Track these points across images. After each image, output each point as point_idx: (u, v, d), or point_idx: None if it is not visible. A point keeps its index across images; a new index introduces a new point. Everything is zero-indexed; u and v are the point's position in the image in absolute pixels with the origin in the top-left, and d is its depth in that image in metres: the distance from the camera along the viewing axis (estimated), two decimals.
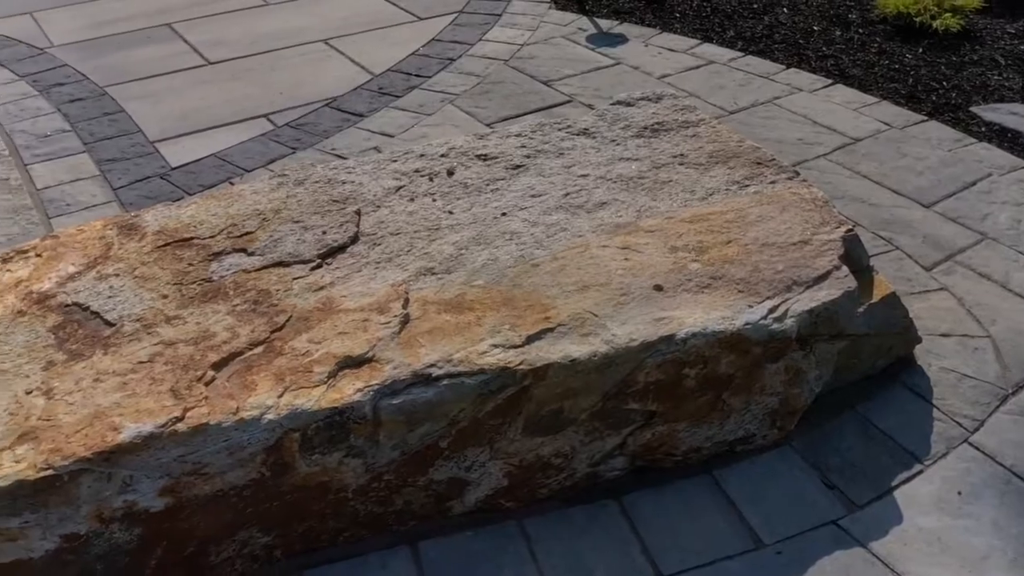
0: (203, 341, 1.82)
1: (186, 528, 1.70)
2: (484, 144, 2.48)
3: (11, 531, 1.58)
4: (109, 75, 4.03)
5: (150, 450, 1.60)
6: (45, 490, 1.56)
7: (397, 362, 1.76)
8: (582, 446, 1.90)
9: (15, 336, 1.88)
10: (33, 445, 1.60)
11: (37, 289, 2.02)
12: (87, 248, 2.15)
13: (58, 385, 1.73)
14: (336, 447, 1.72)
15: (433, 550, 1.86)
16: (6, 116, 3.69)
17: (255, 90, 3.83)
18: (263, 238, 2.13)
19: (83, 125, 3.60)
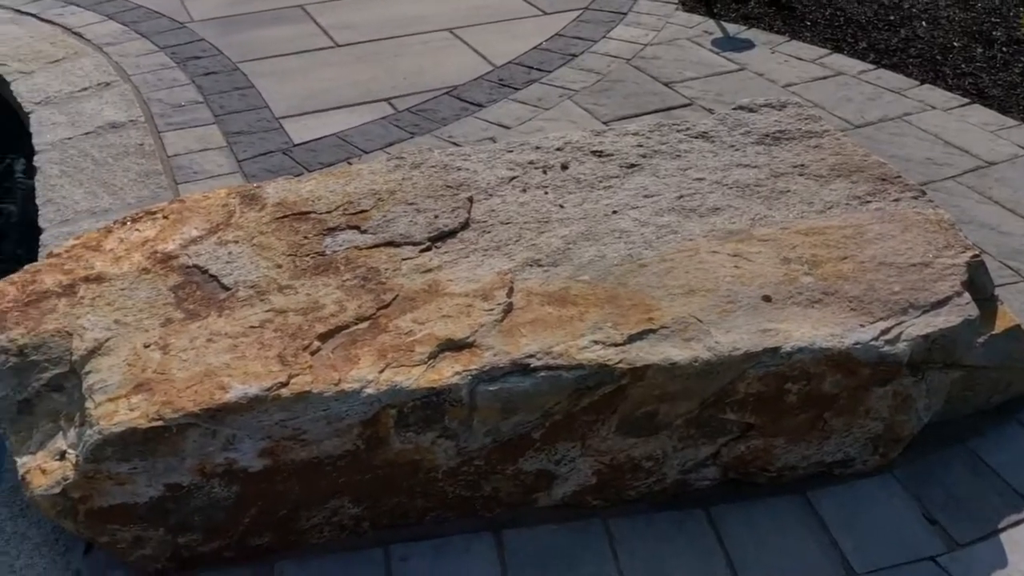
0: (312, 312, 1.87)
1: (281, 491, 1.75)
2: (600, 141, 2.47)
3: (120, 475, 1.66)
4: (242, 51, 4.18)
5: (254, 412, 1.65)
6: (154, 440, 1.64)
7: (497, 349, 1.77)
8: (675, 452, 1.88)
9: (139, 292, 1.97)
10: (147, 396, 1.68)
11: (162, 249, 2.11)
12: (210, 214, 2.24)
13: (174, 342, 1.81)
14: (430, 427, 1.74)
15: (516, 539, 1.87)
16: (145, 85, 3.87)
17: (379, 74, 3.91)
18: (377, 217, 2.18)
19: (215, 98, 3.74)
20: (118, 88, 3.85)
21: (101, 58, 4.16)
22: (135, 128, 3.49)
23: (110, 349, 1.81)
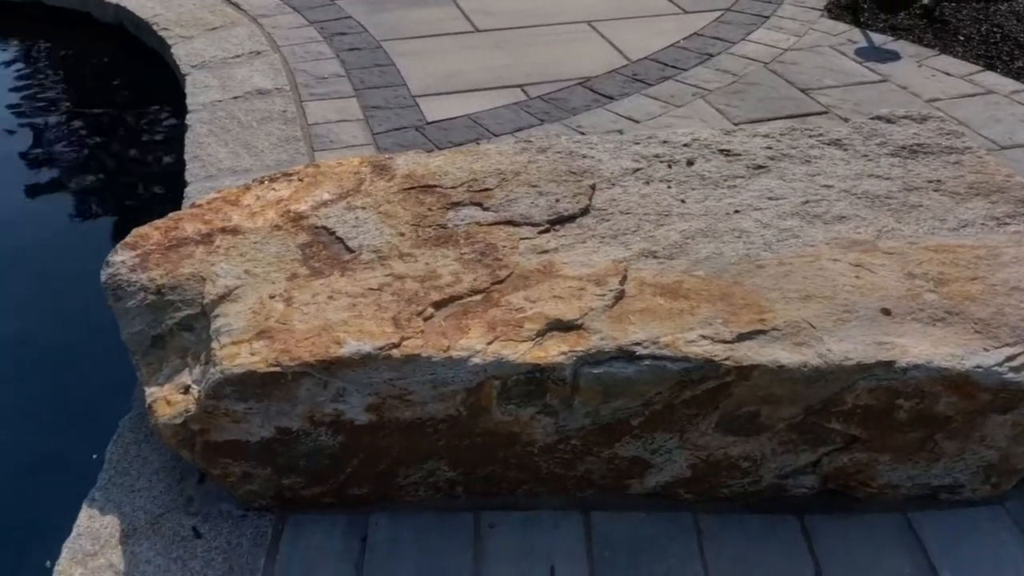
0: (429, 280, 1.94)
1: (382, 447, 1.82)
2: (729, 140, 2.45)
3: (236, 414, 1.76)
4: (386, 31, 4.32)
5: (365, 368, 1.72)
6: (270, 384, 1.73)
7: (604, 334, 1.79)
8: (773, 455, 1.86)
9: (269, 247, 2.08)
10: (268, 343, 1.77)
11: (294, 209, 2.22)
12: (342, 180, 2.33)
13: (297, 295, 1.91)
14: (531, 402, 1.78)
15: (604, 522, 1.89)
16: (292, 56, 4.04)
17: (514, 61, 3.97)
18: (499, 196, 2.23)
19: (356, 73, 3.88)
20: (268, 57, 4.03)
21: (255, 28, 4.36)
22: (280, 96, 3.66)
23: (238, 296, 1.92)
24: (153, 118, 4.13)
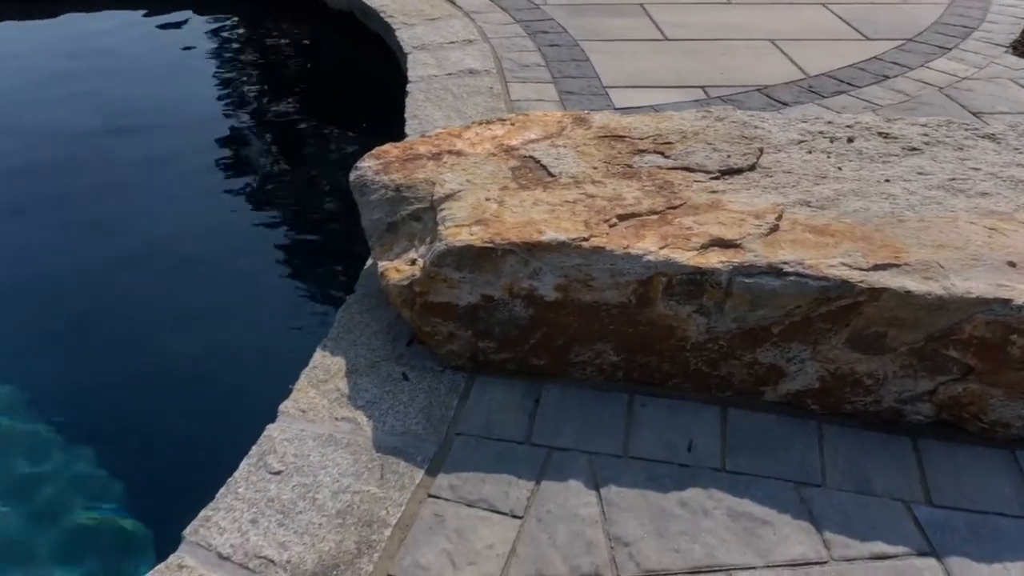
0: (615, 200, 2.34)
1: (563, 324, 2.23)
2: (888, 126, 2.74)
3: (452, 280, 2.22)
4: (583, 32, 4.79)
5: (559, 253, 2.15)
6: (482, 258, 2.18)
7: (758, 252, 2.14)
8: (895, 378, 2.15)
9: (485, 167, 2.55)
10: (483, 228, 2.22)
11: (506, 143, 2.68)
12: (547, 126, 2.79)
13: (507, 200, 2.36)
14: (690, 301, 2.15)
15: (739, 417, 2.22)
16: (500, 46, 4.58)
17: (698, 66, 4.35)
18: (679, 149, 2.62)
19: (555, 64, 4.36)
20: (479, 46, 4.58)
21: (468, 22, 4.94)
22: (488, 76, 4.18)
23: (461, 196, 2.39)
24: (376, 87, 4.78)
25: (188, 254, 3.45)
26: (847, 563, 1.87)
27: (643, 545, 1.89)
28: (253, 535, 1.90)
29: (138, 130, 4.56)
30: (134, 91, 5.07)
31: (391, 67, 4.73)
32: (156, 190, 3.99)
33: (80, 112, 4.72)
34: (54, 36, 6.01)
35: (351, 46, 5.41)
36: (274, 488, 2.00)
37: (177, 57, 5.68)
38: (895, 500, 2.01)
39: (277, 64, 5.75)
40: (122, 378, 2.85)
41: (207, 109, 4.92)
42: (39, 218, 3.74)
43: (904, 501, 2.01)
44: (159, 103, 4.93)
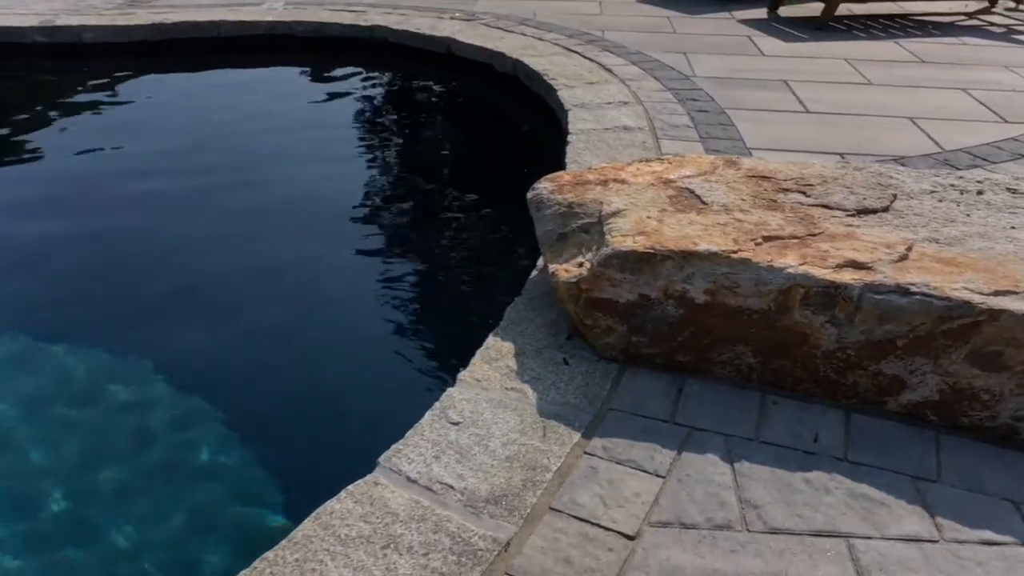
0: (760, 225, 2.69)
1: (708, 325, 2.57)
2: (1018, 183, 2.99)
3: (614, 279, 2.59)
4: (729, 102, 5.18)
5: (710, 262, 2.50)
6: (643, 261, 2.55)
7: (887, 274, 2.43)
8: (1011, 395, 2.38)
9: (646, 193, 2.93)
10: (644, 238, 2.60)
11: (664, 176, 3.07)
12: (700, 166, 3.16)
13: (666, 219, 2.73)
14: (823, 312, 2.45)
15: (863, 421, 2.49)
16: (652, 108, 5.01)
17: (837, 136, 4.66)
18: (819, 190, 2.94)
19: (703, 126, 4.75)
20: (632, 107, 5.03)
21: (623, 87, 5.41)
22: (640, 132, 4.61)
23: (624, 214, 2.78)
24: (536, 140, 5.28)
25: (389, 271, 4.04)
26: (957, 544, 2.10)
27: (770, 508, 2.18)
28: (436, 467, 2.28)
29: (326, 171, 5.21)
30: (309, 140, 5.76)
31: (550, 123, 5.22)
32: (354, 217, 4.59)
33: (272, 156, 5.41)
34: (213, 87, 6.86)
35: (515, 104, 5.97)
36: (453, 435, 2.39)
37: (352, 109, 6.38)
38: (1005, 500, 2.23)
39: (449, 116, 6.38)
40: (326, 354, 3.37)
41: (387, 154, 5.55)
42: (222, 239, 4.35)
43: (1014, 502, 2.23)
44: (340, 149, 5.59)
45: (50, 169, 5.30)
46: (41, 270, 4.01)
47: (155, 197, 4.77)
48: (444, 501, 2.17)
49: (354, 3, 7.95)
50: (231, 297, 3.79)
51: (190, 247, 4.21)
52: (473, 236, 4.47)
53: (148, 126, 5.97)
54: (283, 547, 2.04)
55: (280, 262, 4.06)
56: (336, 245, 4.28)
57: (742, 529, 2.12)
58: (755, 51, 6.40)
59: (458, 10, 7.60)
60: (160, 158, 5.32)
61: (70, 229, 4.39)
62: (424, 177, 5.31)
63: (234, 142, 5.63)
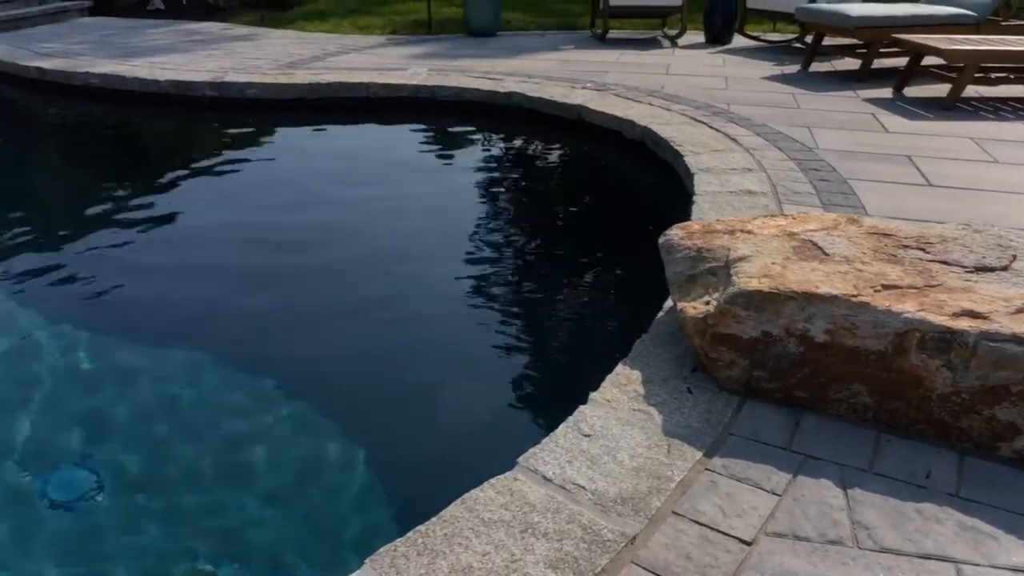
0: (880, 275, 2.87)
1: (827, 363, 2.75)
2: None
3: (739, 316, 2.82)
4: (851, 173, 5.35)
5: (831, 304, 2.70)
6: (767, 301, 2.76)
7: (1003, 325, 2.58)
8: None
9: (771, 243, 3.16)
10: (769, 279, 2.82)
11: (788, 230, 3.29)
12: (823, 222, 3.37)
13: (789, 265, 2.95)
14: (939, 356, 2.60)
15: (975, 465, 2.61)
16: (775, 176, 5.22)
17: (960, 209, 4.76)
18: (938, 248, 3.11)
19: (824, 194, 4.94)
20: (756, 174, 5.26)
21: (747, 155, 5.65)
22: (763, 196, 4.83)
23: (750, 260, 3.01)
24: (664, 200, 5.57)
25: (523, 308, 4.38)
26: None
27: (881, 531, 2.33)
28: (569, 469, 2.53)
29: (465, 218, 5.62)
30: (444, 196, 6.21)
31: (676, 187, 5.50)
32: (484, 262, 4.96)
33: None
34: (360, 141, 7.44)
35: (642, 168, 6.29)
36: (584, 444, 2.64)
37: (489, 166, 6.83)
38: None
39: (579, 176, 6.76)
40: (465, 377, 3.69)
41: (521, 207, 5.94)
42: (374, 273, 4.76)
43: None
44: (477, 201, 6.01)
45: (208, 202, 5.91)
46: (182, 292, 4.51)
47: (296, 232, 5.27)
48: (576, 498, 2.41)
49: (491, 72, 8.49)
50: (369, 326, 4.16)
51: (325, 280, 4.64)
52: (601, 282, 4.77)
53: (299, 172, 6.56)
54: (433, 523, 2.32)
55: (419, 295, 4.43)
56: (474, 283, 4.64)
57: (853, 546, 2.28)
58: (879, 128, 6.55)
59: (589, 81, 8.03)
60: (305, 199, 5.86)
61: (213, 258, 4.92)
62: (555, 229, 5.69)
63: (375, 190, 6.12)
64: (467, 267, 4.91)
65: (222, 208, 5.93)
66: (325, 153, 7.20)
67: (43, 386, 3.70)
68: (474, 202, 6.11)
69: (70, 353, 3.97)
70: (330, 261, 4.92)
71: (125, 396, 3.62)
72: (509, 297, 4.57)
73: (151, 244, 5.27)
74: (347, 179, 6.45)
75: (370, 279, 4.70)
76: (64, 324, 4.19)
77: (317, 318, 4.26)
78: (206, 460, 3.27)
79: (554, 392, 3.62)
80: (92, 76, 8.78)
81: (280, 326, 4.18)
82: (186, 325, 4.17)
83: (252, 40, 11.21)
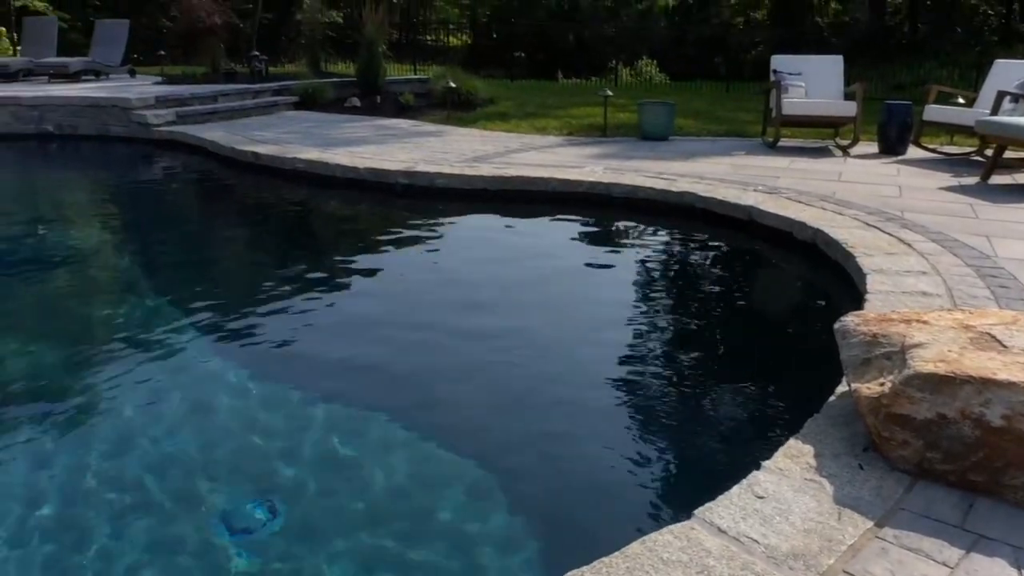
0: None
1: (1003, 448, 2.83)
2: None
3: (914, 398, 2.94)
4: None
5: (1009, 391, 2.79)
6: (943, 383, 2.89)
7: None
8: None
9: (947, 333, 3.27)
10: (945, 364, 2.95)
11: (965, 323, 3.39)
12: (1002, 317, 3.45)
13: (965, 354, 3.05)
14: None
15: None
16: (951, 280, 5.25)
17: None
18: None
19: (1003, 300, 4.92)
20: (931, 277, 5.31)
21: (922, 259, 5.70)
22: (939, 299, 4.88)
23: (926, 347, 3.14)
24: (834, 299, 5.69)
25: (698, 387, 4.57)
26: None
27: None
28: (743, 525, 2.71)
29: (633, 308, 5.93)
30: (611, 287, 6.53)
31: (847, 287, 5.61)
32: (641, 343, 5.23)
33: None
34: (538, 231, 7.89)
35: (812, 268, 6.43)
36: (758, 504, 2.81)
37: (661, 260, 7.13)
38: None
39: (749, 272, 6.96)
40: (640, 440, 3.92)
41: (692, 299, 6.20)
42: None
43: None
44: (649, 290, 6.31)
45: (393, 276, 6.53)
46: (356, 354, 4.97)
47: (468, 312, 5.71)
48: (750, 550, 2.59)
49: (664, 172, 8.87)
50: (545, 396, 4.47)
51: (497, 353, 5.01)
52: (770, 368, 4.90)
53: (477, 256, 7.08)
54: (616, 556, 2.55)
55: (594, 372, 4.72)
56: (649, 363, 4.91)
57: None
58: None
59: (761, 184, 8.26)
60: (481, 280, 6.36)
61: (390, 325, 5.42)
62: (726, 318, 5.90)
63: (549, 275, 6.54)
64: (643, 347, 5.19)
65: (406, 282, 6.50)
66: (504, 240, 7.72)
67: (226, 427, 4.20)
68: (648, 291, 6.42)
69: (251, 399, 4.48)
70: (503, 334, 5.30)
71: (302, 443, 4.03)
72: (681, 377, 4.79)
73: (336, 310, 5.88)
74: (522, 263, 6.90)
75: (543, 356, 5.03)
76: (256, 374, 4.72)
77: (491, 388, 4.61)
78: (377, 505, 3.59)
79: (725, 461, 3.79)
80: (299, 161, 9.75)
81: (448, 391, 4.54)
82: (356, 384, 4.60)
83: (439, 136, 12.11)
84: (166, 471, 3.76)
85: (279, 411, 4.41)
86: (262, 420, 4.31)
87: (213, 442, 4.03)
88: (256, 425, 4.24)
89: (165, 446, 3.96)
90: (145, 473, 3.72)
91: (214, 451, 3.96)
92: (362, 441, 4.12)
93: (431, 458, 3.94)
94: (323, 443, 4.03)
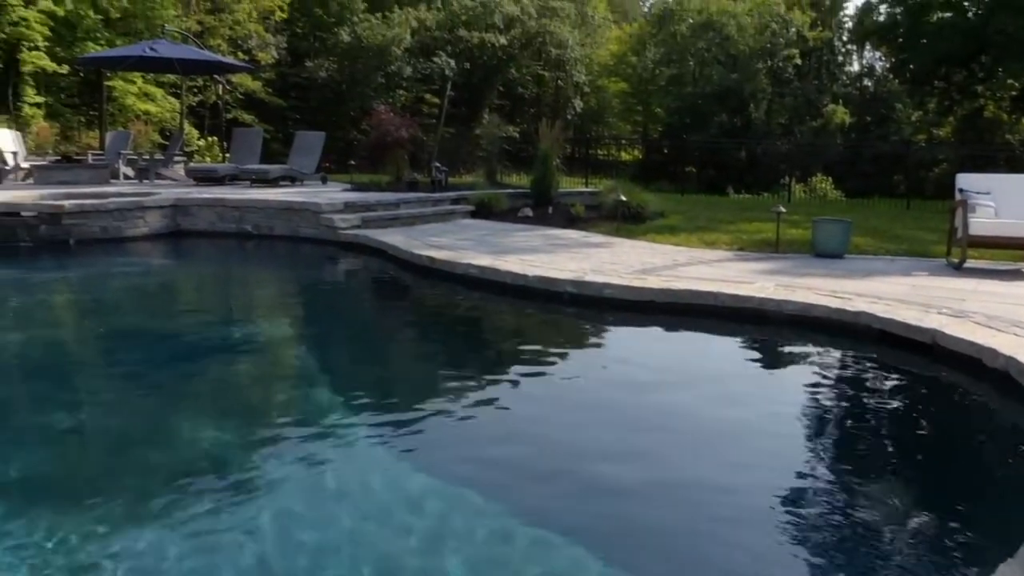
0: None
1: None
2: None
3: None
4: None
5: None
6: None
7: None
8: None
9: None
10: None
11: None
12: None
13: None
14: None
15: None
16: None
17: None
18: None
19: None
20: None
21: None
22: None
23: None
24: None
25: (872, 527, 4.39)
26: None
27: None
28: None
29: (803, 425, 5.74)
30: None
31: None
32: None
33: None
34: (709, 348, 7.79)
35: (1001, 399, 6.05)
36: None
37: (840, 381, 6.89)
38: None
39: (930, 399, 6.60)
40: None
41: (870, 426, 5.95)
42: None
43: None
44: (822, 410, 6.10)
45: (561, 384, 6.56)
46: (515, 457, 4.99)
47: (633, 428, 5.66)
48: None
49: (838, 291, 8.62)
50: (711, 519, 4.36)
51: (667, 470, 4.93)
52: (958, 509, 4.57)
53: (644, 369, 7.07)
54: None
55: (764, 491, 4.58)
56: (824, 490, 4.74)
57: None
58: None
59: (944, 307, 7.87)
60: (649, 390, 6.31)
61: (553, 430, 5.43)
62: (904, 449, 5.62)
63: (717, 394, 6.43)
64: (820, 470, 5.00)
65: (574, 390, 6.55)
66: (673, 355, 7.69)
67: (384, 516, 4.31)
68: (823, 417, 6.19)
69: (411, 497, 4.58)
70: (669, 448, 5.24)
71: (459, 544, 4.08)
72: (858, 509, 4.52)
73: (503, 414, 5.96)
74: (690, 380, 6.84)
75: (709, 473, 4.93)
76: (412, 470, 4.84)
77: (659, 503, 4.53)
78: None
79: None
80: (472, 267, 10.14)
81: (611, 506, 4.49)
82: (509, 488, 4.63)
83: (608, 247, 12.30)
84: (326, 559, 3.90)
85: (437, 507, 4.50)
86: (418, 515, 4.41)
87: (367, 533, 4.15)
88: (413, 523, 4.34)
89: (326, 532, 4.12)
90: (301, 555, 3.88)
91: (369, 542, 4.09)
92: (505, 543, 4.13)
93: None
94: (481, 543, 4.09)
